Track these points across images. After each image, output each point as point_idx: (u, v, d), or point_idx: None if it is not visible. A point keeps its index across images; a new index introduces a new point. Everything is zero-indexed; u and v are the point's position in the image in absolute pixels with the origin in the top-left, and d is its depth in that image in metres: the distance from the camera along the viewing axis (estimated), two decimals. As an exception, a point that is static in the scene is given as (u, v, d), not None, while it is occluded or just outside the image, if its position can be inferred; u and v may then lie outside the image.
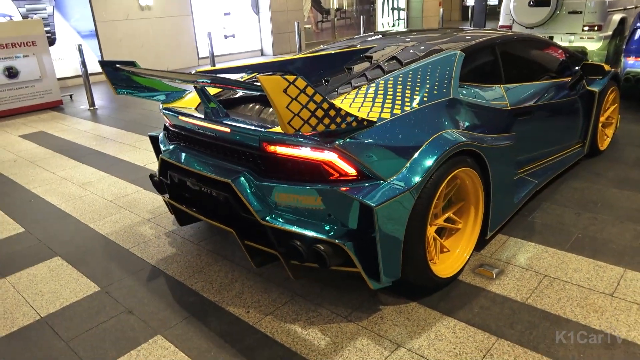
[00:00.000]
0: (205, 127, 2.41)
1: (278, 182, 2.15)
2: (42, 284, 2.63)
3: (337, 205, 2.05)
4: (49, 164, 4.75)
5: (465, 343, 2.04)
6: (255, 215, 2.15)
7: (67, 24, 9.63)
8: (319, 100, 1.79)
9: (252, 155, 2.23)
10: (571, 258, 2.63)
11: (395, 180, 2.05)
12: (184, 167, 2.48)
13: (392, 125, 2.15)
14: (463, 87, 2.64)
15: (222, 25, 12.29)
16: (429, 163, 2.10)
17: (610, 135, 4.29)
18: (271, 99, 1.70)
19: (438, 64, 2.60)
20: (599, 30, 7.37)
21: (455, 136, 2.26)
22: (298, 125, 1.76)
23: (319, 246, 2.03)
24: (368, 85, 2.40)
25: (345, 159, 2.01)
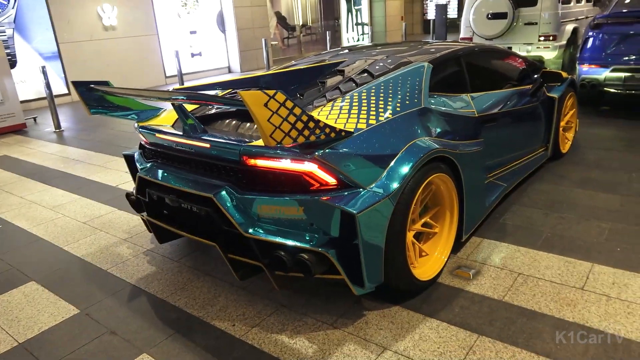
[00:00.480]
0: (184, 143, 2.42)
1: (260, 195, 2.18)
2: (17, 309, 2.56)
3: (319, 215, 2.10)
4: (15, 188, 4.62)
5: (449, 342, 2.10)
6: (238, 228, 2.17)
7: (29, 46, 9.43)
8: (298, 113, 1.84)
9: (232, 169, 2.25)
10: (542, 256, 2.75)
11: (375, 188, 2.12)
12: (163, 184, 2.48)
13: (369, 135, 2.22)
14: (432, 96, 2.75)
15: (189, 43, 12.28)
16: (406, 170, 2.18)
17: (570, 138, 4.51)
18: (253, 112, 1.74)
19: (408, 75, 2.70)
20: (554, 40, 7.75)
21: (428, 143, 2.35)
22: (279, 138, 1.81)
23: (303, 255, 2.06)
24: (342, 98, 2.47)
25: (325, 169, 2.07)
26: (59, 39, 9.73)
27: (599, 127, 5.39)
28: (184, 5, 12.06)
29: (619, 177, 3.86)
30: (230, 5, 12.59)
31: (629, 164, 4.14)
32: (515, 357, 1.99)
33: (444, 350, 2.05)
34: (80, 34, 10.01)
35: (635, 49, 5.35)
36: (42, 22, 9.52)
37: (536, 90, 3.77)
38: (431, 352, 2.05)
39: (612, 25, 5.53)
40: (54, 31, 9.66)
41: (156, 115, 2.87)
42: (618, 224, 3.07)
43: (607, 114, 5.96)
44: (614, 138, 4.95)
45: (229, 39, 13.02)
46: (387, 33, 18.26)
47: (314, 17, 17.06)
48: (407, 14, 22.70)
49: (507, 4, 7.79)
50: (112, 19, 10.45)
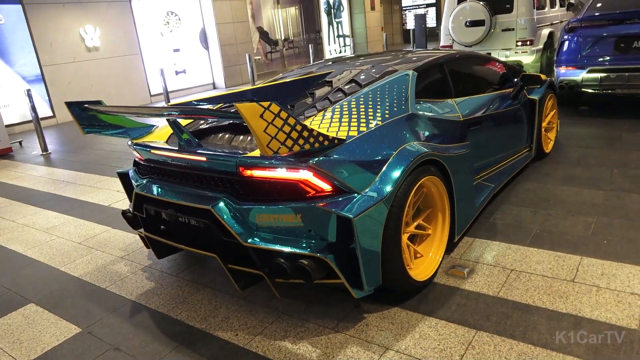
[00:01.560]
0: (179, 158, 2.47)
1: (257, 204, 2.23)
2: (18, 332, 2.56)
3: (316, 221, 2.16)
4: (6, 212, 4.60)
5: (448, 339, 2.16)
6: (237, 238, 2.21)
7: (11, 70, 9.40)
8: (292, 123, 1.91)
9: (229, 181, 2.31)
10: (533, 252, 2.83)
11: (369, 192, 2.19)
12: (160, 198, 2.51)
13: (360, 142, 2.29)
14: (419, 103, 2.85)
15: (173, 61, 12.34)
16: (397, 174, 2.26)
17: (553, 138, 4.65)
18: (249, 124, 1.80)
19: (394, 83, 2.79)
20: (531, 44, 7.98)
21: (418, 148, 2.44)
22: (276, 147, 1.87)
23: (303, 261, 2.12)
24: (332, 107, 2.54)
25: (320, 176, 2.13)
26: (41, 61, 9.72)
27: (579, 126, 5.55)
28: (166, 24, 12.14)
29: (601, 173, 3.98)
30: (212, 22, 12.71)
31: (609, 160, 4.28)
32: (513, 349, 2.05)
33: (444, 347, 2.11)
34: (63, 56, 10.02)
35: (609, 50, 5.55)
36: (24, 45, 9.51)
37: (517, 93, 3.89)
38: (432, 349, 2.10)
39: (586, 28, 5.73)
40: (37, 54, 9.65)
41: (150, 132, 2.91)
42: (603, 217, 3.18)
43: (586, 113, 6.14)
44: (594, 136, 5.11)
45: (213, 55, 13.11)
46: (369, 44, 18.54)
47: (295, 31, 17.26)
48: (387, 24, 23.09)
49: (484, 11, 8.01)
50: (94, 40, 10.48)
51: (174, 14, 12.30)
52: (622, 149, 4.56)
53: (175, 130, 2.45)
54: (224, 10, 12.83)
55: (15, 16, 9.32)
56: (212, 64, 13.22)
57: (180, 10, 12.41)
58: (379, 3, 19.18)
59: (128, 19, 11.14)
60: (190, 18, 12.64)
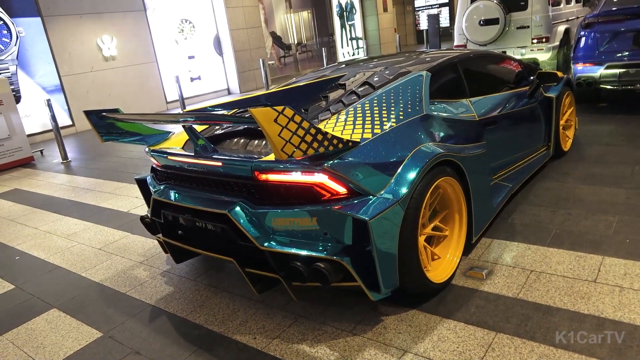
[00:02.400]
0: (196, 163, 2.49)
1: (273, 208, 2.24)
2: (42, 336, 2.61)
3: (332, 224, 2.15)
4: (29, 219, 4.70)
5: (467, 341, 2.14)
6: (254, 242, 2.23)
7: (32, 81, 9.62)
8: (306, 126, 1.92)
9: (245, 185, 2.32)
10: (553, 252, 2.79)
11: (384, 194, 2.18)
12: (177, 204, 2.54)
13: (375, 144, 2.29)
14: (433, 103, 2.83)
15: (188, 68, 12.49)
16: (413, 175, 2.25)
17: (571, 136, 4.58)
18: (264, 128, 1.82)
19: (408, 84, 2.78)
20: (547, 41, 7.87)
21: (433, 149, 2.42)
22: (290, 151, 1.88)
23: (319, 264, 2.12)
24: (346, 110, 2.54)
25: (335, 179, 2.13)
26: (60, 72, 9.92)
27: (598, 123, 5.45)
28: (180, 31, 12.30)
29: (621, 171, 3.91)
30: (226, 28, 12.83)
31: (630, 157, 4.19)
32: (534, 351, 2.02)
33: (464, 350, 2.09)
34: (81, 66, 10.22)
35: (627, 45, 5.45)
36: (43, 56, 9.73)
37: (533, 91, 3.84)
38: (451, 352, 2.08)
39: (603, 23, 5.63)
40: (56, 65, 9.86)
41: (166, 139, 2.95)
42: (625, 216, 3.11)
43: (605, 110, 6.03)
44: (614, 133, 5.01)
45: (227, 61, 13.23)
46: (382, 46, 18.50)
47: (308, 35, 17.33)
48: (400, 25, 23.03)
49: (498, 9, 7.93)
50: (111, 50, 10.66)
51: (188, 21, 12.45)
52: (643, 145, 4.46)
53: (191, 136, 2.48)
54: (237, 17, 12.95)
55: (34, 28, 9.55)
56: (227, 70, 13.34)
57: (194, 18, 12.56)
58: (392, 4, 19.14)
59: (144, 28, 11.32)
60: (204, 25, 12.78)
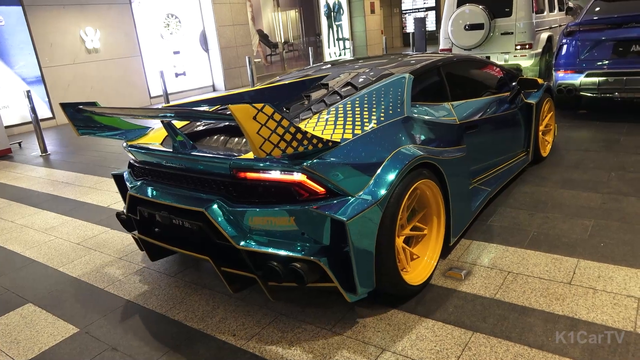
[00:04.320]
0: (173, 159, 2.47)
1: (250, 207, 2.22)
2: (16, 331, 2.56)
3: (310, 224, 2.14)
4: (5, 212, 4.60)
5: (445, 340, 2.17)
6: (230, 241, 2.20)
7: (11, 71, 9.41)
8: (286, 125, 1.90)
9: (223, 183, 2.30)
10: (530, 254, 2.84)
11: (363, 195, 2.18)
12: (154, 200, 2.51)
13: (355, 145, 2.28)
14: (415, 106, 2.84)
15: (173, 63, 12.36)
16: (392, 177, 2.25)
17: (550, 141, 4.65)
18: (242, 126, 1.79)
19: (390, 86, 2.79)
20: (530, 48, 8.00)
21: (413, 151, 2.43)
22: (269, 150, 1.87)
23: (296, 265, 2.10)
24: (328, 110, 2.54)
25: (313, 179, 2.12)
26: (41, 63, 9.73)
27: (578, 129, 5.57)
28: (166, 26, 12.17)
29: (599, 176, 4.00)
30: (212, 24, 12.74)
31: (607, 163, 4.29)
32: (509, 350, 2.06)
33: (441, 348, 2.11)
34: (63, 57, 10.03)
35: (607, 54, 5.57)
36: (24, 47, 9.53)
37: (514, 97, 3.89)
38: (428, 350, 2.11)
39: (585, 32, 5.75)
40: (37, 56, 9.67)
41: (144, 134, 2.91)
42: (601, 220, 3.19)
43: (584, 117, 6.16)
44: (593, 139, 5.12)
45: (213, 57, 13.14)
46: (368, 47, 18.58)
47: (295, 34, 17.31)
48: (387, 27, 23.17)
49: (484, 15, 8.04)
50: (95, 42, 10.50)
51: (174, 16, 12.33)
52: (620, 152, 4.58)
53: (170, 132, 2.44)
54: (224, 13, 12.87)
55: (15, 18, 9.34)
56: (212, 67, 13.24)
57: (180, 13, 12.44)
58: (379, 6, 19.25)
59: (128, 21, 11.16)
60: (190, 20, 12.67)
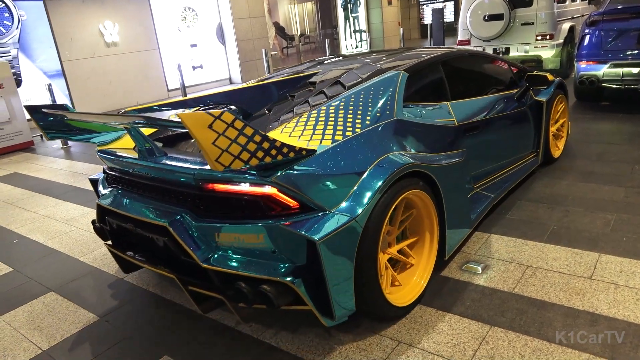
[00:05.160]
0: (140, 167, 2.29)
1: (217, 222, 2.03)
2: (39, 319, 2.62)
3: (281, 241, 1.95)
4: (28, 204, 4.71)
5: (462, 334, 2.15)
6: (195, 259, 2.02)
7: (33, 65, 9.58)
8: (250, 133, 1.70)
9: (189, 195, 2.11)
10: (550, 248, 2.80)
11: (340, 210, 1.97)
12: (120, 212, 2.33)
13: (334, 153, 2.07)
14: (408, 106, 2.62)
15: (190, 57, 12.43)
16: (374, 189, 2.03)
17: (563, 141, 4.35)
18: (195, 136, 1.60)
19: (380, 85, 2.56)
20: (551, 38, 7.84)
21: (400, 158, 2.20)
22: (227, 162, 1.67)
23: (265, 287, 1.90)
24: (309, 113, 2.32)
25: (284, 192, 1.92)
26: (62, 57, 9.87)
27: (600, 122, 5.45)
28: (183, 19, 12.23)
29: (621, 169, 3.91)
30: (229, 17, 12.76)
31: (630, 156, 4.19)
32: (528, 345, 2.03)
33: (458, 342, 2.10)
34: (82, 51, 10.17)
35: (632, 44, 5.43)
36: (45, 40, 9.67)
37: (522, 95, 3.61)
38: (445, 344, 2.10)
39: (608, 21, 5.61)
40: (57, 49, 9.81)
41: (118, 138, 2.69)
42: (623, 214, 3.12)
43: (607, 109, 6.01)
44: (615, 132, 5.01)
45: (229, 50, 13.17)
46: (385, 39, 18.41)
47: (312, 26, 17.23)
48: (404, 19, 22.91)
49: (503, 5, 7.89)
50: (113, 36, 10.60)
51: (191, 9, 12.38)
52: (644, 145, 4.46)
53: (137, 137, 2.24)
54: (240, 6, 12.87)
55: (36, 12, 9.48)
56: (229, 59, 13.28)
57: (197, 6, 12.48)
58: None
59: (146, 15, 11.25)
60: (207, 13, 12.70)
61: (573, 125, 5.34)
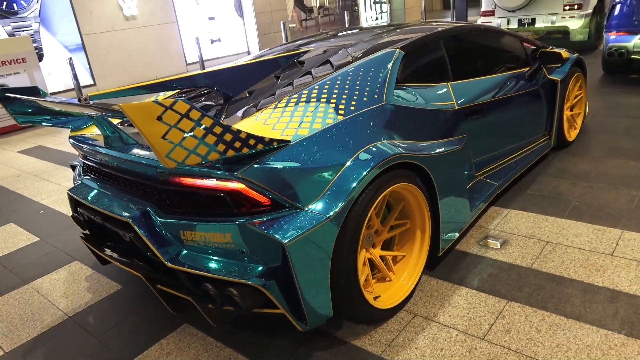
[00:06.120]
0: (107, 157, 2.12)
1: (183, 219, 1.88)
2: (65, 287, 2.72)
3: (250, 241, 1.78)
4: (53, 176, 4.82)
5: (478, 307, 2.15)
6: (160, 258, 1.86)
7: (54, 39, 9.66)
8: (208, 124, 1.51)
9: (155, 189, 1.95)
10: (571, 224, 2.75)
11: (314, 208, 1.78)
12: (87, 204, 2.19)
13: (310, 143, 1.87)
14: (402, 88, 2.43)
15: (208, 30, 12.36)
16: (354, 183, 1.82)
17: (579, 123, 4.10)
18: (140, 129, 1.41)
19: (371, 65, 2.36)
20: (580, 9, 7.53)
21: (386, 148, 1.99)
22: (181, 157, 1.49)
23: (231, 290, 1.73)
24: (289, 97, 2.13)
25: (253, 188, 1.74)
26: (82, 30, 9.92)
27: (628, 95, 5.26)
28: (201, -9, 12.12)
29: (649, 145, 3.79)
30: (247, -11, 12.59)
31: (659, 131, 4.06)
32: (545, 320, 2.03)
33: (474, 316, 2.10)
34: (102, 25, 10.19)
35: (665, 14, 5.19)
36: (65, 14, 9.72)
37: (533, 73, 3.34)
38: (460, 317, 2.10)
39: (641, -10, 5.36)
40: (77, 23, 9.85)
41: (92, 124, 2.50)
42: (648, 191, 3.05)
43: (636, 82, 5.80)
44: (644, 106, 4.84)
45: (247, 23, 13.04)
46: (406, 11, 17.96)
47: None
48: (426, -11, 22.23)
49: (530, -27, 7.59)
50: (132, 9, 10.58)
51: (209, -19, 12.24)
52: (673, 119, 4.31)
53: (100, 123, 2.08)
54: (258, -23, 12.67)
55: (56, -15, 9.51)
56: (247, 32, 13.16)
57: (215, -22, 12.34)
58: (418, -33, 18.46)
59: (164, -13, 11.17)
60: (225, -15, 12.56)
61: (599, 99, 5.18)
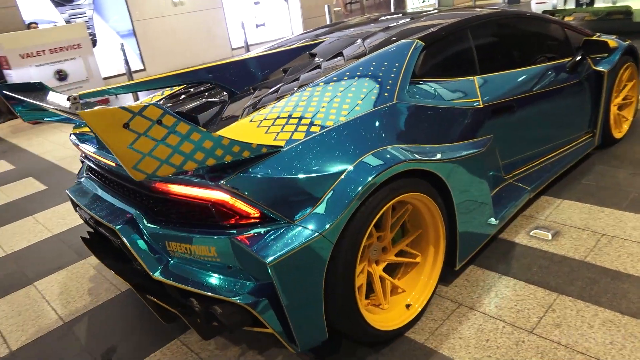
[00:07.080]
0: (100, 158, 2.01)
1: (168, 228, 1.76)
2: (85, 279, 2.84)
3: (235, 256, 1.64)
4: (106, 157, 5.02)
5: (526, 300, 2.09)
6: (145, 268, 1.75)
7: (106, 25, 10.00)
8: (184, 130, 1.37)
9: (143, 195, 1.85)
10: (629, 217, 2.61)
11: (304, 223, 1.60)
12: (81, 206, 2.13)
13: (305, 149, 1.69)
14: (420, 83, 2.19)
15: (253, 14, 12.45)
16: (351, 195, 1.63)
17: (629, 119, 3.71)
18: (102, 138, 1.26)
19: (384, 59, 2.14)
20: (645, -14, 7.03)
21: (393, 154, 1.78)
22: (151, 168, 1.35)
23: (216, 308, 1.60)
24: (290, 96, 1.97)
25: (239, 199, 1.60)
26: (133, 17, 10.23)
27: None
28: (247, -24, 12.18)
29: None
30: (292, -27, 12.55)
31: None
32: (598, 316, 1.94)
33: (522, 308, 2.04)
34: (151, 11, 10.46)
35: None
36: (117, 1, 10.03)
37: (576, 65, 2.99)
38: (508, 309, 2.05)
39: None
40: (128, 9, 10.16)
41: None
42: None
43: None
44: None
45: (292, 7, 13.03)
46: (455, -8, 17.37)
47: (376, -20, 16.56)
48: (476, -30, 21.39)
49: (591, -51, 7.13)
50: (180, -5, 10.80)
51: (255, -35, 12.28)
52: None
53: None
54: (304, -40, 12.59)
55: (109, -28, 9.82)
56: (292, 16, 13.16)
57: (260, -38, 12.36)
58: (469, -54, 17.75)
59: (211, -28, 11.31)
60: (270, -31, 12.57)
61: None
